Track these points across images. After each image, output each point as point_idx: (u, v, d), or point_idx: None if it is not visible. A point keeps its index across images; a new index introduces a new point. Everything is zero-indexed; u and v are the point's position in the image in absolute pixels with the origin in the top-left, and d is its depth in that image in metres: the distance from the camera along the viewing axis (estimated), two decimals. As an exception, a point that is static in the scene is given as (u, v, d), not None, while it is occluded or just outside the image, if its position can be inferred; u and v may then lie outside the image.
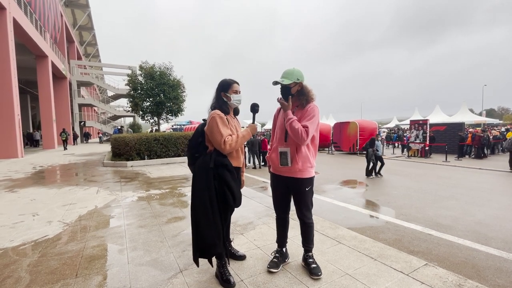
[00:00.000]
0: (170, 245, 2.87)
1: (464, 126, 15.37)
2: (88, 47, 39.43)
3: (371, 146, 8.06)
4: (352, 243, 2.82)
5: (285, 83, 2.15)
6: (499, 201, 5.21)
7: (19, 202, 4.76)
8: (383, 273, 2.24)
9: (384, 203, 5.10)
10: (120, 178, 7.09)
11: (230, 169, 2.05)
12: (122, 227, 3.46)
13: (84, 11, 28.97)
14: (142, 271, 2.33)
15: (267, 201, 4.41)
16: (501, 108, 78.57)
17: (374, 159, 7.93)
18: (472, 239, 3.41)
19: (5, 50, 12.40)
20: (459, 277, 2.18)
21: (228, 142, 2.02)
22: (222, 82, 2.22)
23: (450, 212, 4.53)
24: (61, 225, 3.56)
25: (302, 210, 2.27)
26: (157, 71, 13.98)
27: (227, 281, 2.07)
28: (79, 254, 2.69)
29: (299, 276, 2.21)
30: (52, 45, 19.67)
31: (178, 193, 5.33)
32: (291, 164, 2.17)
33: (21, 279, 2.24)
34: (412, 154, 13.61)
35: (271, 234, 3.08)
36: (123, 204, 4.57)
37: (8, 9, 12.29)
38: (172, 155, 10.49)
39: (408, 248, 3.11)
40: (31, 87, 23.34)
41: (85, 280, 2.22)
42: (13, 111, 12.72)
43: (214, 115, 2.06)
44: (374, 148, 7.97)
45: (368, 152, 7.96)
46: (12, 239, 3.11)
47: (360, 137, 14.59)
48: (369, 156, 7.92)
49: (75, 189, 5.78)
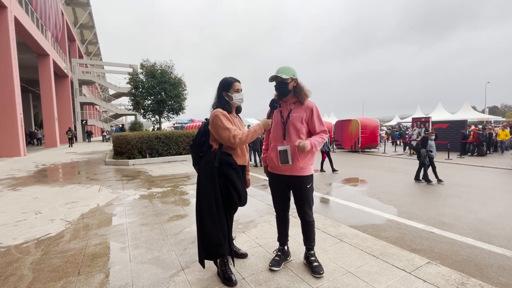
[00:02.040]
0: (172, 243, 2.87)
1: (467, 124, 15.27)
2: (90, 45, 39.46)
3: (423, 146, 6.87)
4: (354, 241, 2.81)
5: (284, 77, 2.14)
6: (502, 199, 5.18)
7: (22, 201, 4.79)
8: (385, 271, 2.23)
9: (386, 201, 5.09)
10: (122, 177, 7.11)
11: (235, 167, 2.04)
12: (124, 225, 3.47)
13: (85, 9, 28.96)
14: (144, 269, 2.34)
15: (269, 199, 4.40)
16: (504, 105, 78.03)
17: (428, 161, 6.84)
18: (475, 237, 3.39)
19: (6, 49, 12.42)
20: (461, 275, 2.17)
21: (238, 136, 1.99)
22: (223, 81, 2.19)
23: (453, 210, 4.51)
24: (64, 223, 3.57)
25: (304, 208, 2.25)
26: (158, 70, 13.97)
27: (228, 279, 2.07)
28: (81, 252, 2.70)
29: (301, 274, 2.21)
30: (53, 43, 19.69)
31: (179, 191, 5.34)
32: (292, 162, 2.16)
33: (23, 277, 2.25)
34: (414, 152, 13.55)
35: (272, 232, 3.08)
36: (125, 202, 4.59)
37: (9, 8, 12.30)
38: (173, 153, 10.50)
39: (410, 246, 3.10)
40: (33, 85, 23.41)
41: (88, 278, 2.23)
42: (15, 110, 12.77)
43: (217, 113, 2.05)
44: (427, 149, 6.82)
45: (421, 153, 6.82)
46: (15, 237, 3.13)
47: (362, 135, 14.53)
48: (422, 158, 6.78)
49: (77, 188, 5.80)
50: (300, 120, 2.18)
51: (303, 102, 2.20)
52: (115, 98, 34.33)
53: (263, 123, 2.16)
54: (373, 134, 15.17)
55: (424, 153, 6.78)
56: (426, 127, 13.18)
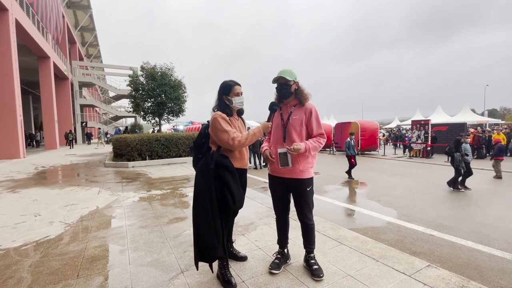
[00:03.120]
0: (172, 245, 2.86)
1: (466, 126, 15.30)
2: (90, 48, 39.58)
3: (457, 150, 6.20)
4: (354, 244, 2.81)
5: (288, 78, 2.16)
6: (502, 202, 5.18)
7: (21, 203, 4.78)
8: (385, 274, 2.23)
9: (385, 203, 5.08)
10: (122, 179, 7.11)
11: (231, 170, 2.04)
12: (124, 227, 3.46)
13: (86, 12, 29.10)
14: (143, 272, 2.33)
15: (268, 202, 4.40)
16: (503, 108, 78.23)
17: (464, 166, 6.16)
18: (475, 240, 3.39)
19: (7, 51, 12.46)
20: (462, 279, 2.16)
21: (237, 139, 2.00)
22: (223, 85, 2.20)
23: (453, 212, 4.50)
24: (63, 226, 3.56)
25: (304, 211, 2.25)
26: (159, 72, 14.00)
27: (228, 282, 2.06)
28: (80, 255, 2.69)
29: (300, 277, 2.20)
30: (54, 46, 19.76)
31: (179, 193, 5.33)
32: (291, 165, 2.16)
33: (22, 280, 2.24)
34: (414, 154, 13.56)
35: (272, 235, 3.07)
36: (124, 204, 4.58)
37: (10, 11, 12.35)
38: (173, 155, 10.50)
39: (410, 249, 3.09)
40: (33, 88, 23.45)
41: (87, 280, 2.22)
42: (15, 112, 12.78)
43: (216, 116, 2.06)
44: (462, 152, 6.15)
45: (454, 158, 6.17)
46: (14, 240, 3.11)
47: (362, 137, 14.55)
48: (457, 163, 6.10)
49: (77, 190, 5.79)
50: (300, 122, 2.19)
51: (303, 104, 2.21)
52: (115, 100, 34.39)
53: (263, 126, 2.16)
54: (373, 137, 15.20)
55: (459, 157, 6.12)
56: (425, 129, 13.18)
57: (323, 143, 2.19)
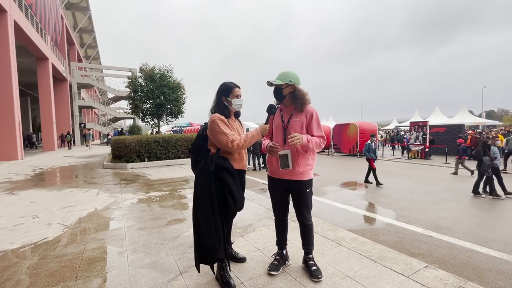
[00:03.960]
0: (170, 247, 2.86)
1: (464, 128, 15.38)
2: (89, 49, 39.58)
3: (485, 154, 5.69)
4: (353, 245, 2.81)
5: (277, 83, 2.17)
6: (499, 203, 5.20)
7: (19, 204, 4.76)
8: (383, 275, 2.23)
9: (384, 205, 5.10)
10: (120, 180, 7.09)
11: (232, 172, 2.05)
12: (122, 229, 3.45)
13: (85, 13, 29.14)
14: (142, 274, 2.33)
15: (267, 203, 4.41)
16: (501, 109, 78.69)
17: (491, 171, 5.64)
18: (473, 241, 3.40)
19: (5, 52, 12.44)
20: (459, 279, 2.17)
21: (236, 141, 2.01)
22: (223, 86, 2.21)
23: (451, 213, 4.52)
24: (61, 228, 3.55)
25: (303, 212, 2.26)
26: (157, 73, 14.01)
27: (227, 284, 2.06)
28: (79, 257, 2.68)
29: (299, 278, 2.21)
30: (52, 47, 19.74)
31: (178, 195, 5.33)
32: (292, 167, 2.17)
33: (20, 282, 2.24)
34: (412, 155, 13.61)
35: (271, 236, 3.08)
36: (123, 206, 4.57)
37: (9, 12, 12.35)
38: (172, 157, 10.49)
39: (408, 250, 3.10)
40: (32, 89, 23.36)
41: (85, 282, 2.21)
42: (13, 113, 12.74)
43: (214, 118, 2.06)
44: (491, 156, 5.63)
45: (483, 162, 5.67)
46: (12, 242, 3.10)
47: (360, 138, 14.58)
48: (484, 168, 5.63)
49: (75, 191, 5.78)
50: (300, 125, 2.20)
51: (301, 110, 2.21)
52: (113, 102, 34.33)
53: (261, 128, 2.17)
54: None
55: (488, 161, 5.58)
56: (423, 131, 13.23)
57: (323, 146, 2.20)
